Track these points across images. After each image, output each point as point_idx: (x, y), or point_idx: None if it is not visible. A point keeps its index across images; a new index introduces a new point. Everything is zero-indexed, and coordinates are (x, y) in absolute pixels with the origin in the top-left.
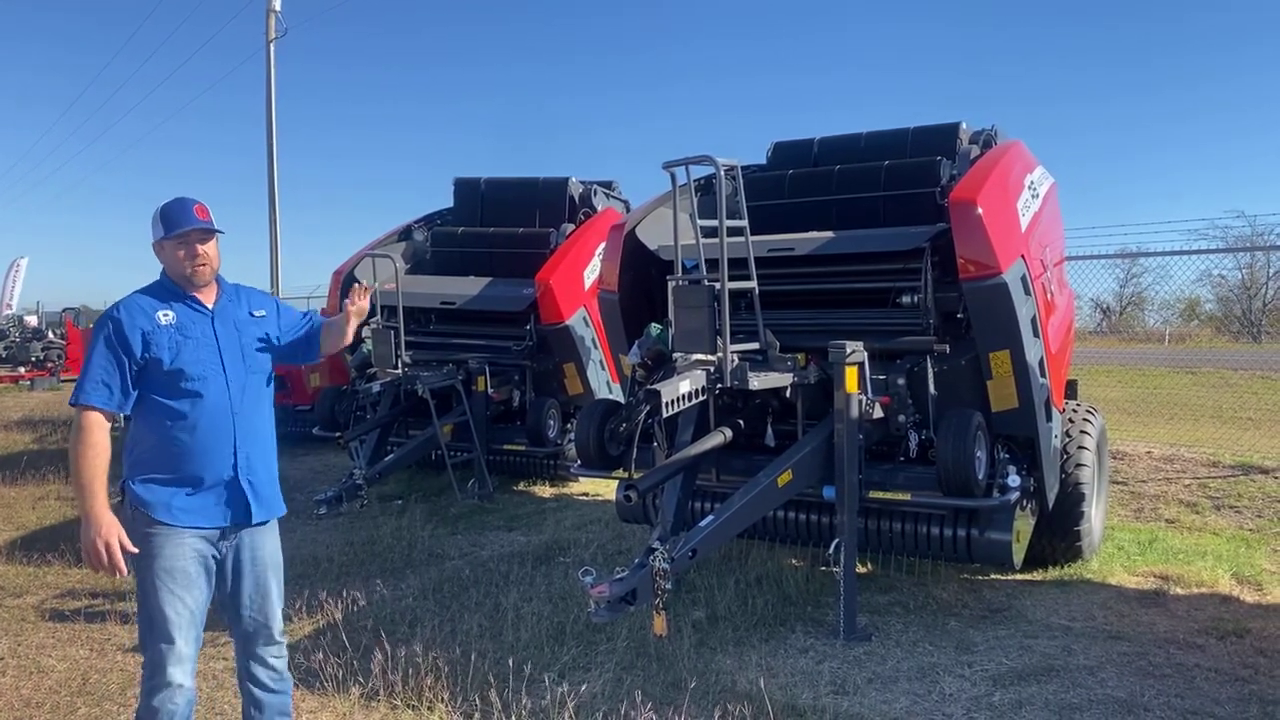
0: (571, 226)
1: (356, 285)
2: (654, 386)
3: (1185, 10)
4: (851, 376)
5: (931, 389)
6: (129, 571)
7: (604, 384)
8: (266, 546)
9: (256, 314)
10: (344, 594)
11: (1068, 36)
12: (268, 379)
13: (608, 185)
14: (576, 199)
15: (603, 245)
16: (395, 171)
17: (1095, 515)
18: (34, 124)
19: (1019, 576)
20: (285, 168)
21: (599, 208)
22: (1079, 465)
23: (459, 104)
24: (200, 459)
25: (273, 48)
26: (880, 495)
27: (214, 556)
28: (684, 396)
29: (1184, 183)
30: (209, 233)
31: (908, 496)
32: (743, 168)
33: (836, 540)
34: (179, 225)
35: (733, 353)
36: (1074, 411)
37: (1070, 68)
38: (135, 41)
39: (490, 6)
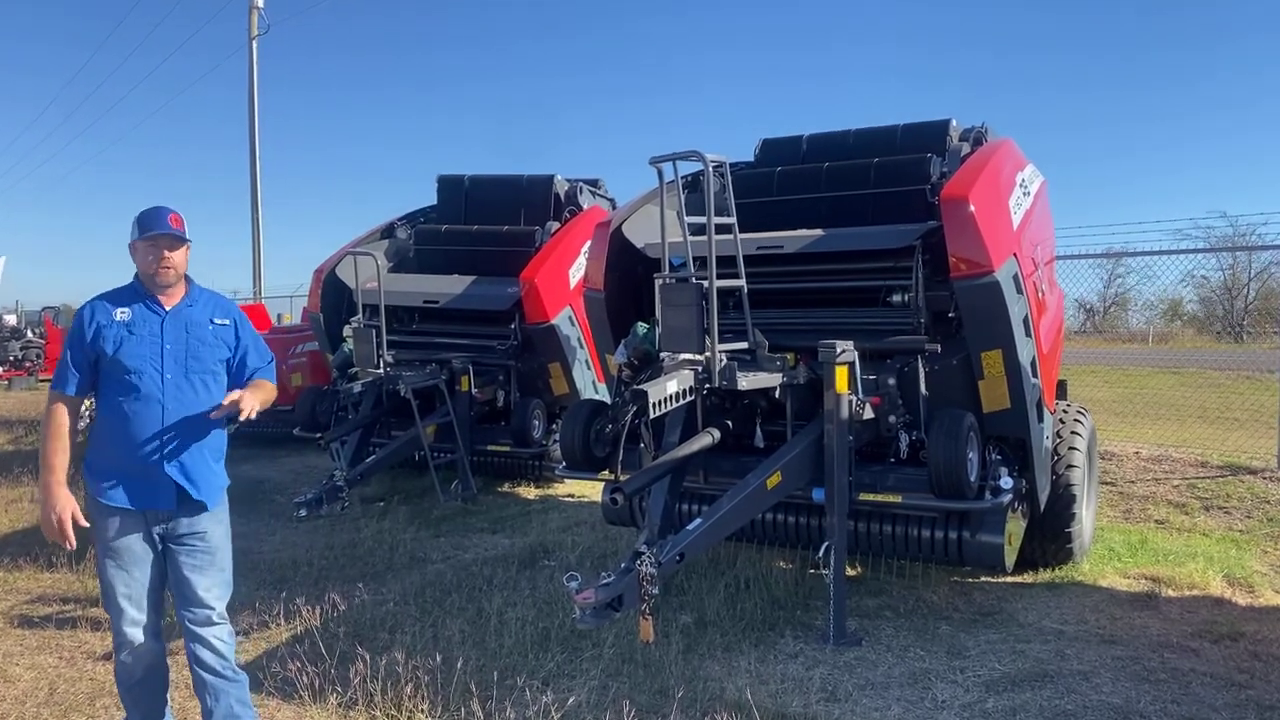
0: (557, 224)
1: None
2: (641, 387)
3: (1173, 8)
4: (842, 376)
5: (923, 389)
6: (77, 544)
7: (590, 384)
8: (207, 530)
9: (218, 321)
10: (323, 599)
11: (1054, 33)
12: (211, 379)
13: (593, 183)
14: (562, 196)
15: (588, 243)
16: (383, 168)
17: (1086, 517)
18: (11, 122)
19: (1009, 579)
20: (268, 163)
21: (585, 205)
22: (1070, 466)
23: (448, 100)
24: (129, 445)
25: (255, 45)
26: (871, 498)
27: (157, 534)
28: (671, 397)
29: (1168, 183)
30: (178, 240)
31: (899, 499)
32: (730, 165)
33: (826, 543)
34: (151, 229)
35: (721, 352)
36: (1064, 412)
37: (1052, 66)
38: (115, 38)
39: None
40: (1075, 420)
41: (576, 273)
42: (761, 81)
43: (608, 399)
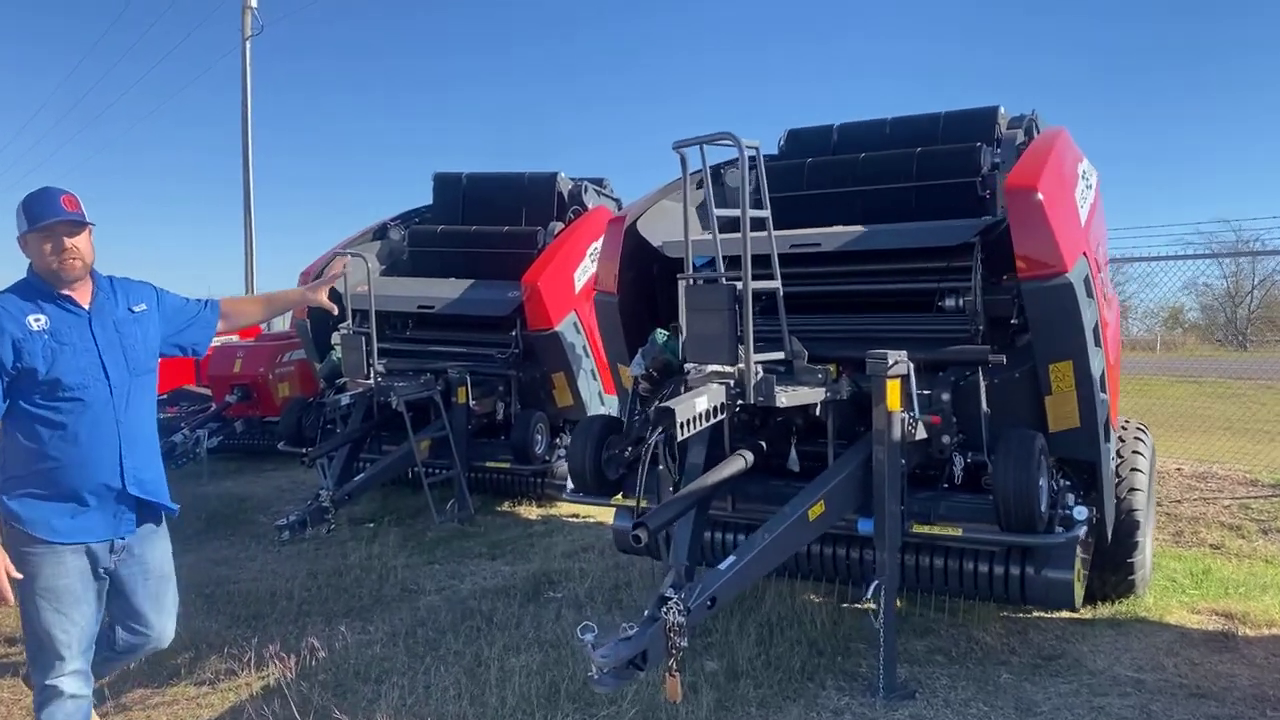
0: (560, 225)
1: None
2: (667, 404)
3: (1178, 14)
4: (894, 391)
5: (984, 406)
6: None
7: (595, 395)
8: (159, 553)
9: (136, 309)
10: (301, 642)
11: (1054, 34)
12: (150, 379)
13: (599, 182)
14: (566, 196)
15: (594, 245)
16: (379, 172)
17: (1147, 545)
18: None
19: (1065, 615)
20: (261, 166)
21: (589, 205)
22: (1133, 490)
23: (446, 105)
24: (84, 471)
25: (249, 45)
26: (926, 530)
27: (103, 569)
28: (701, 415)
29: (1168, 190)
30: (78, 225)
31: (959, 531)
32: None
33: (875, 582)
34: (43, 217)
35: (756, 364)
36: (1123, 429)
37: (1051, 68)
38: (104, 43)
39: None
40: (1136, 438)
41: (582, 276)
42: (764, 83)
43: (615, 412)
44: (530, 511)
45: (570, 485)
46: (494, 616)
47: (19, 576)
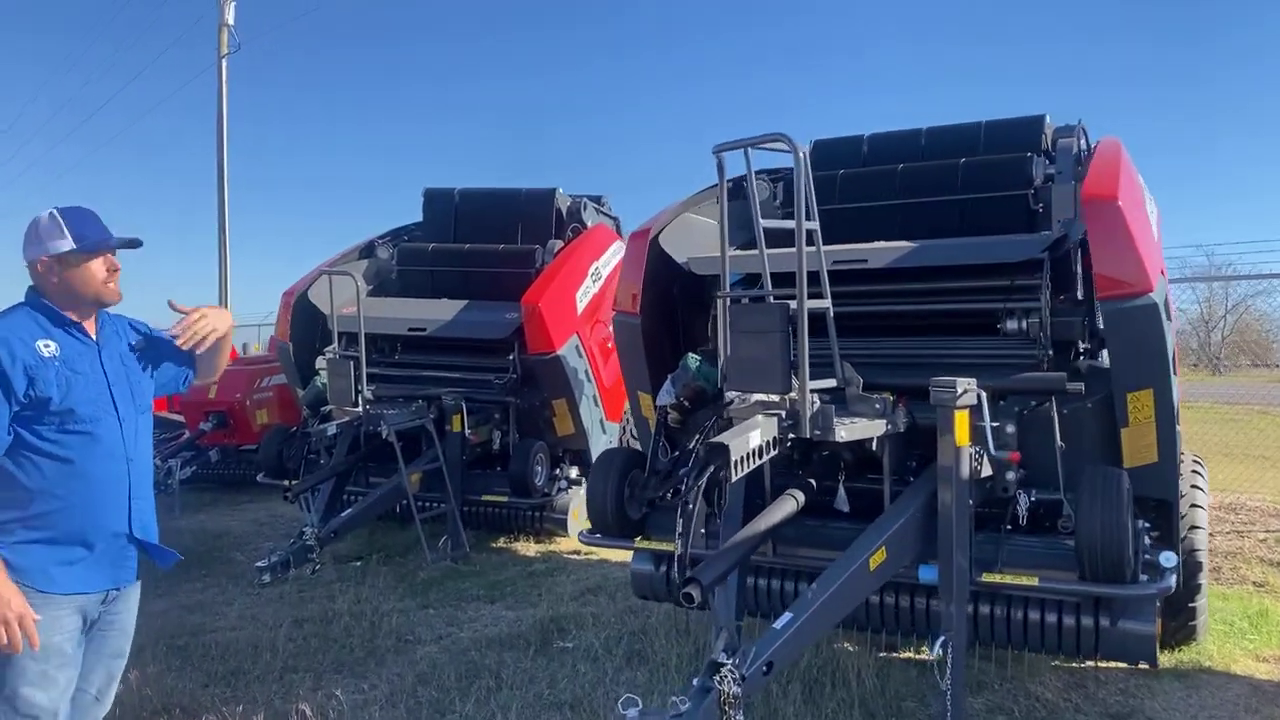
0: (559, 243)
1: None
2: (719, 440)
3: (1161, 36)
4: (962, 423)
5: (1058, 439)
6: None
7: (598, 423)
8: (131, 611)
9: (135, 345)
10: (290, 706)
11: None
12: (149, 415)
13: (597, 200)
14: (564, 213)
15: (596, 264)
16: (366, 184)
17: (1205, 586)
18: None
19: (1125, 667)
20: (236, 176)
21: (588, 223)
22: (1194, 528)
23: (435, 122)
24: (92, 513)
25: (225, 64)
26: (997, 579)
27: (91, 623)
28: (755, 452)
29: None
30: (133, 246)
31: (1034, 581)
32: (780, 169)
33: (942, 638)
34: (95, 236)
35: (811, 393)
36: (1180, 462)
37: (1046, 67)
38: (80, 62)
39: (475, 19)
40: (1194, 472)
41: (584, 297)
42: (765, 107)
43: (616, 441)
44: (529, 548)
45: (585, 526)
46: (502, 672)
47: (39, 618)
